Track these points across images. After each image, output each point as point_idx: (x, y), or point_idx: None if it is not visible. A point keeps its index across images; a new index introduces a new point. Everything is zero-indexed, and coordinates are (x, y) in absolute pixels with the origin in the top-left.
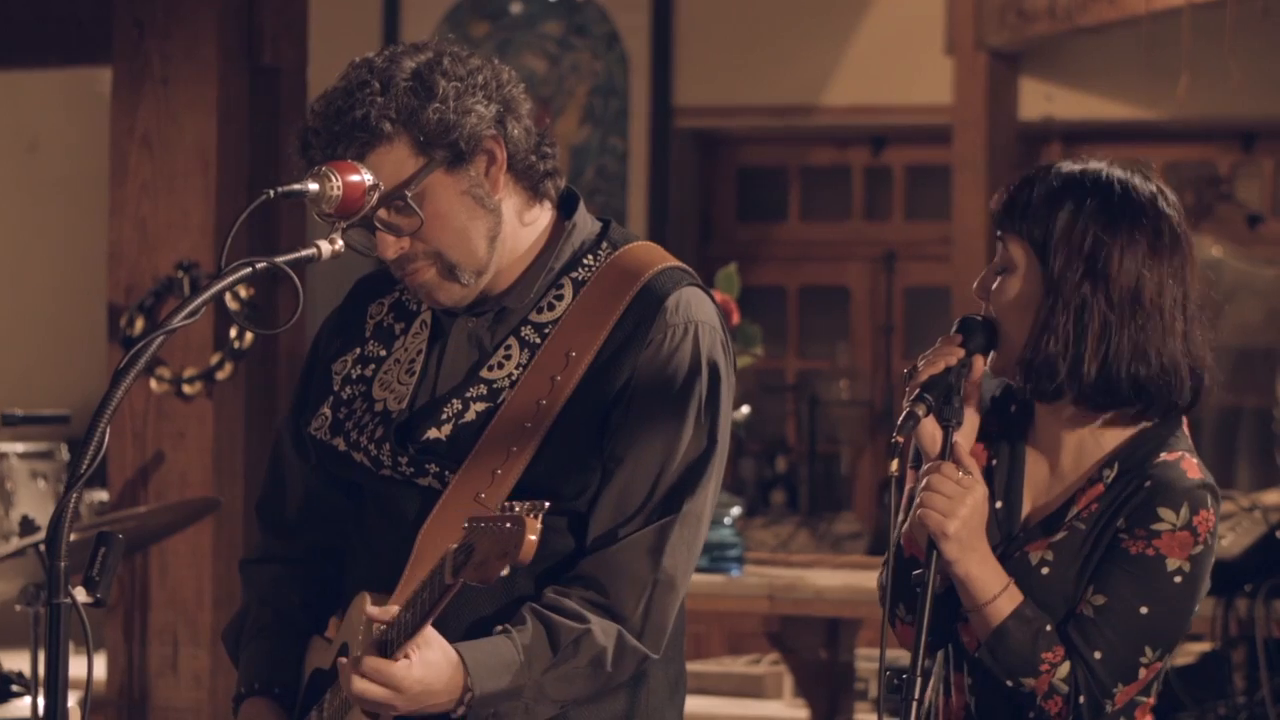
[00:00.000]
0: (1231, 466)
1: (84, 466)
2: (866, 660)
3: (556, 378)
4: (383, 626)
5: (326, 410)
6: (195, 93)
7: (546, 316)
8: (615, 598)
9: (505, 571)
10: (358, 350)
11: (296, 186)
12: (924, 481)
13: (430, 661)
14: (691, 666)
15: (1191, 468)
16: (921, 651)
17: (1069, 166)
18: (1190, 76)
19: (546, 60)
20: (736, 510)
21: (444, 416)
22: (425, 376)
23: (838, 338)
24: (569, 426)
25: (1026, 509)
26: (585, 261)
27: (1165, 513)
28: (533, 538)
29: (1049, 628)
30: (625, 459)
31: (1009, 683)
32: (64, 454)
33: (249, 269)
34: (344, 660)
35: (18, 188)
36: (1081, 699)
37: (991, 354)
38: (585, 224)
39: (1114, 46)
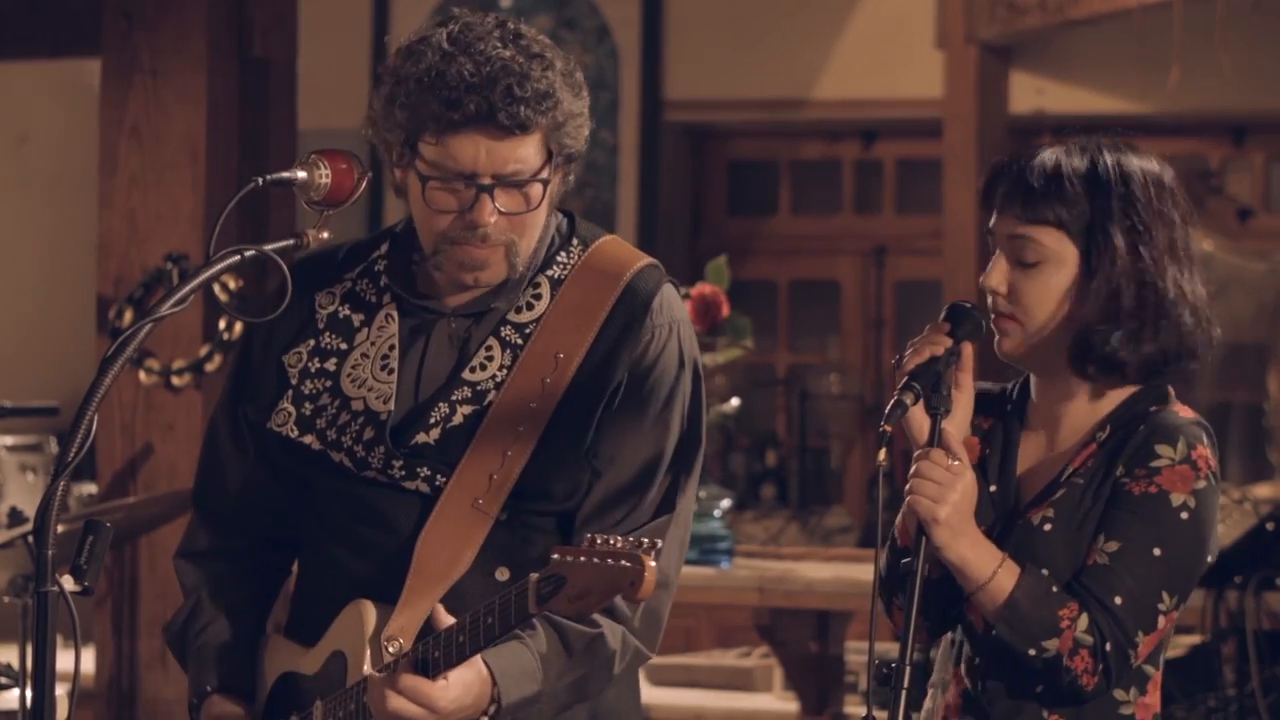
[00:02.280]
0: (1222, 461)
1: (71, 454)
2: (856, 653)
3: (547, 380)
4: (400, 645)
5: (288, 405)
6: (184, 85)
7: (526, 316)
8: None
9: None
10: (311, 342)
11: (285, 175)
12: (913, 469)
13: (466, 681)
14: (681, 659)
15: (1184, 410)
16: (910, 640)
17: (1073, 153)
18: (1181, 70)
19: None
20: (726, 503)
21: (432, 420)
22: (405, 375)
23: (828, 332)
24: (562, 428)
25: (1026, 488)
26: (559, 259)
27: (1163, 449)
28: (652, 579)
29: (1056, 588)
30: (616, 459)
31: (1031, 652)
32: (53, 446)
33: (237, 257)
34: (375, 675)
35: (6, 180)
36: (1108, 646)
37: (998, 342)
38: (554, 219)
39: (1105, 40)
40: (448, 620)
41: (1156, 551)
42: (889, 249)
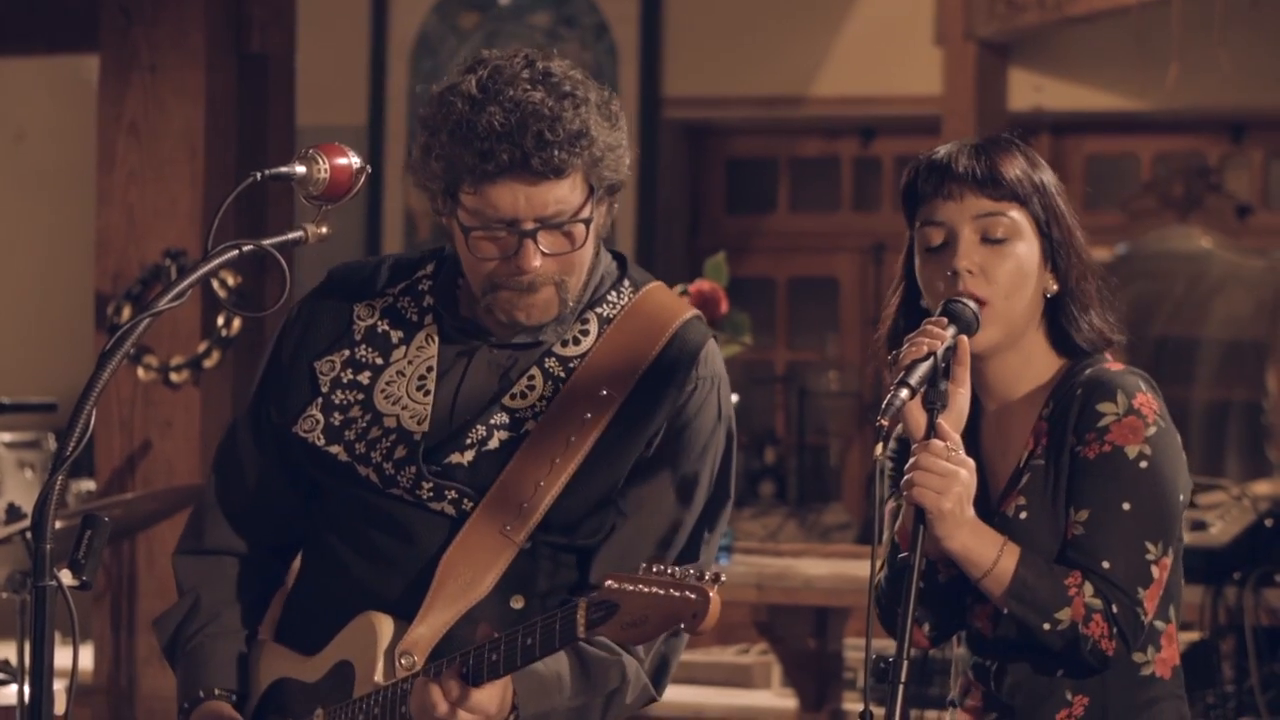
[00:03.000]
0: (1221, 458)
1: (69, 449)
2: (855, 649)
3: (588, 416)
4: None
5: (316, 413)
6: (182, 80)
7: (572, 351)
8: None
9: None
10: (346, 352)
11: (284, 170)
12: (911, 461)
13: (504, 685)
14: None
15: (1114, 364)
16: (908, 635)
17: (996, 138)
18: (1180, 67)
19: None
20: None
21: (468, 441)
22: (441, 397)
23: (827, 329)
24: (597, 465)
25: (991, 481)
26: (610, 299)
27: (1104, 406)
28: (716, 612)
29: (1054, 566)
30: (644, 504)
31: (1046, 626)
32: (51, 443)
33: (235, 251)
34: (424, 681)
35: (4, 176)
36: (1115, 609)
37: (975, 337)
38: (604, 258)
39: (1103, 37)
40: (488, 633)
41: (1125, 506)
42: (887, 246)
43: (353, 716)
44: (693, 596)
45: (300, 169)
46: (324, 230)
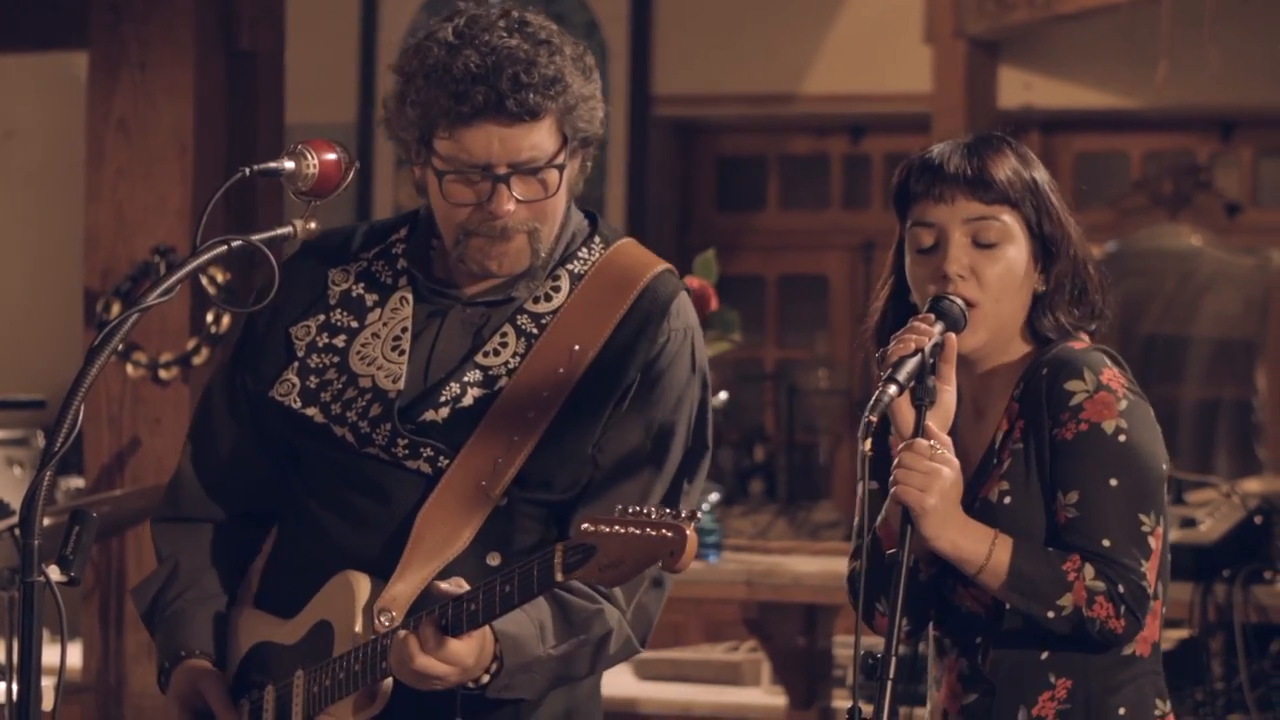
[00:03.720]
0: (1211, 456)
1: (58, 445)
2: (844, 647)
3: (560, 370)
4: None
5: (293, 376)
6: (172, 77)
7: (544, 307)
8: (611, 589)
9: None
10: (322, 317)
11: (272, 165)
12: (896, 460)
13: (484, 636)
14: (669, 654)
15: (1077, 343)
16: (897, 633)
17: (989, 139)
18: (1169, 65)
19: None
20: (715, 498)
21: (442, 399)
22: (416, 357)
23: (816, 327)
24: (571, 420)
25: (967, 466)
26: (580, 254)
27: (1073, 384)
28: (694, 548)
29: (1050, 549)
30: (621, 457)
31: (1050, 614)
32: (39, 440)
33: (224, 247)
34: (402, 634)
35: None
36: (1121, 588)
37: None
38: (575, 216)
39: (1093, 34)
40: (448, 590)
41: (1113, 483)
42: (877, 244)
43: (333, 674)
44: (669, 534)
45: (289, 164)
46: (313, 226)
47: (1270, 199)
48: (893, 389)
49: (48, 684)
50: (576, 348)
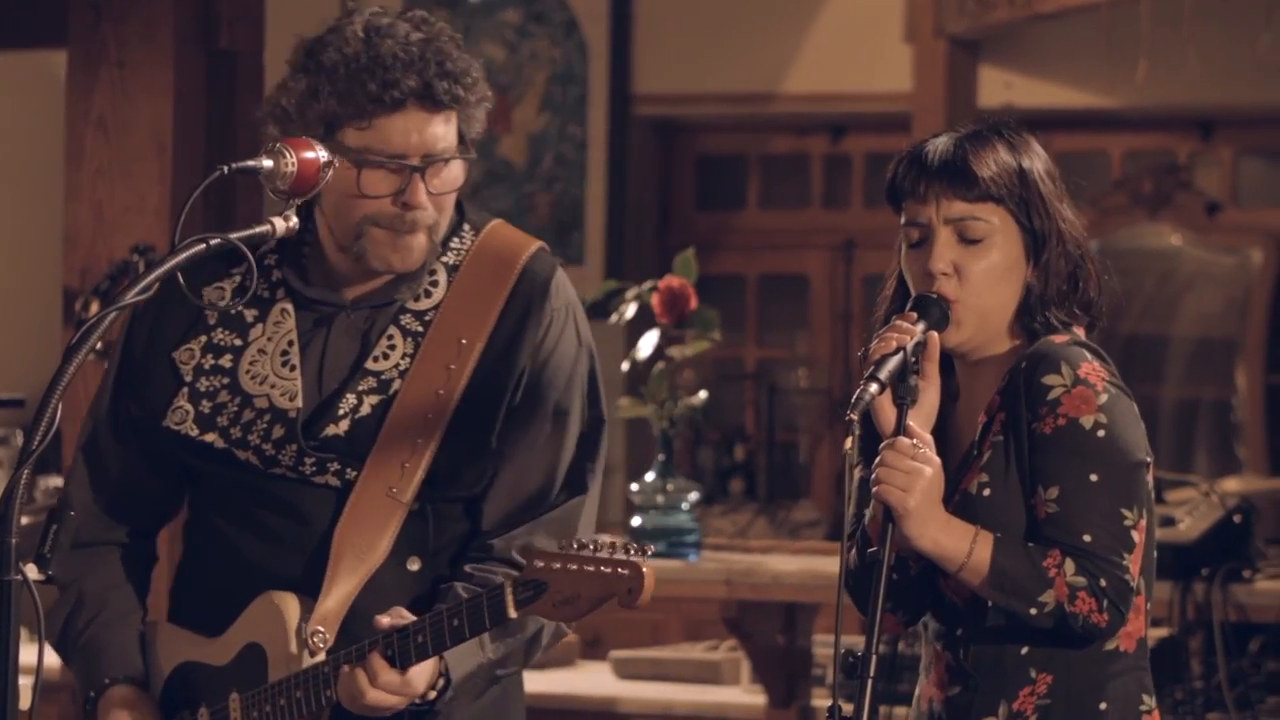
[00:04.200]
0: (1190, 455)
1: (35, 443)
2: (824, 646)
3: (451, 366)
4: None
5: (185, 404)
6: (151, 76)
7: (425, 304)
8: None
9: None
10: (204, 338)
11: (251, 164)
12: (878, 459)
13: (429, 662)
14: (648, 653)
15: (1059, 338)
16: (876, 631)
17: (994, 129)
18: (1149, 64)
19: (505, 48)
20: (694, 497)
21: (340, 412)
22: (307, 370)
23: (796, 326)
24: (470, 414)
25: (950, 461)
26: (453, 245)
27: (1051, 379)
28: (652, 585)
29: (1030, 545)
30: (522, 444)
31: (1033, 611)
32: (19, 440)
33: (202, 245)
34: (347, 668)
35: None
36: (1103, 582)
37: (946, 335)
38: None
39: (1073, 34)
40: (390, 622)
41: (1093, 478)
42: (857, 243)
43: (273, 701)
44: (625, 573)
45: (267, 163)
46: (292, 224)
47: (1250, 198)
48: (874, 387)
49: (25, 683)
50: (464, 340)
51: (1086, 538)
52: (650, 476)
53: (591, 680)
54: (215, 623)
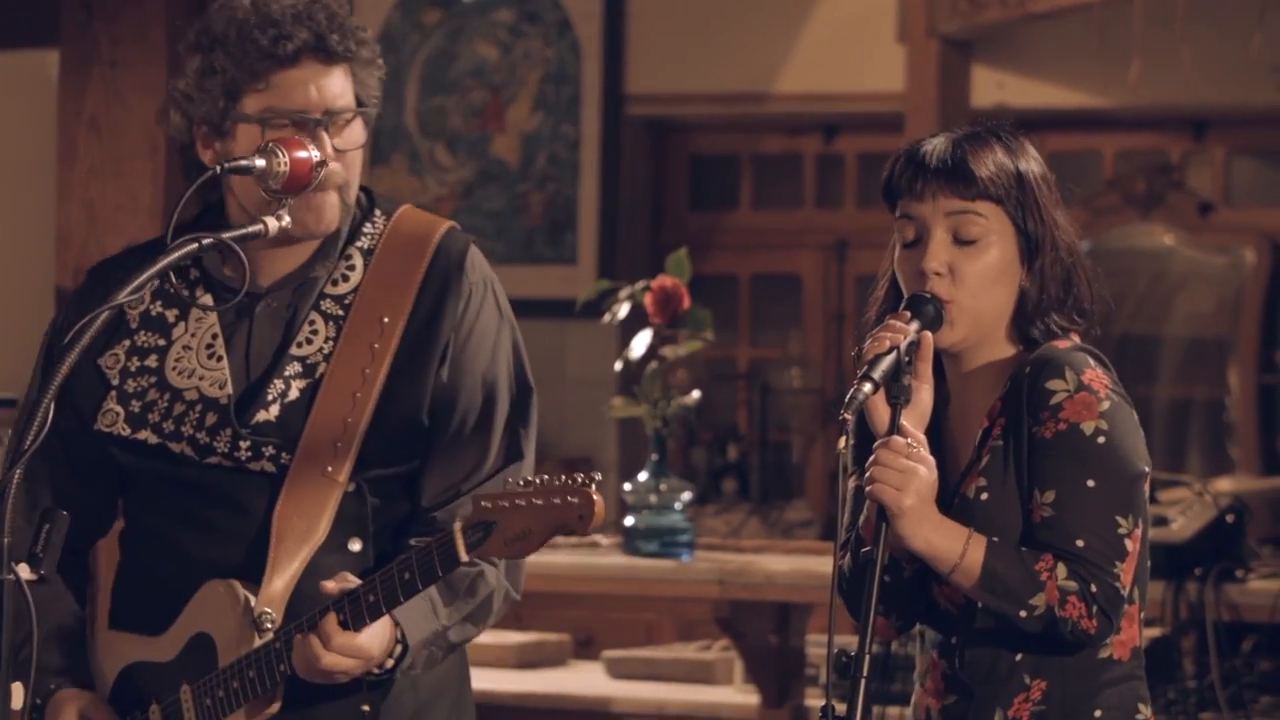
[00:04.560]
0: (1183, 455)
1: (28, 443)
2: (817, 645)
3: (375, 345)
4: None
5: (114, 406)
6: (144, 76)
7: (344, 288)
8: None
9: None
10: (127, 342)
11: (244, 162)
12: (872, 459)
13: (384, 623)
14: (641, 653)
15: (1062, 343)
16: (870, 630)
17: (990, 131)
18: (1141, 64)
19: (498, 48)
20: (687, 496)
21: (269, 398)
22: (233, 360)
23: (789, 326)
24: (396, 391)
25: (950, 464)
26: (366, 230)
27: (1054, 384)
28: (602, 510)
29: (1023, 549)
30: (452, 417)
31: (1022, 614)
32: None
33: (194, 245)
34: (302, 636)
35: None
36: (1093, 588)
37: (940, 334)
38: None
39: (1066, 34)
40: (336, 588)
41: (1091, 484)
42: (850, 243)
43: (225, 684)
44: (575, 500)
45: (260, 162)
46: (285, 223)
47: (1243, 198)
48: (867, 387)
49: (17, 682)
50: (385, 320)
51: (1080, 543)
52: (643, 476)
53: (584, 680)
54: (159, 622)
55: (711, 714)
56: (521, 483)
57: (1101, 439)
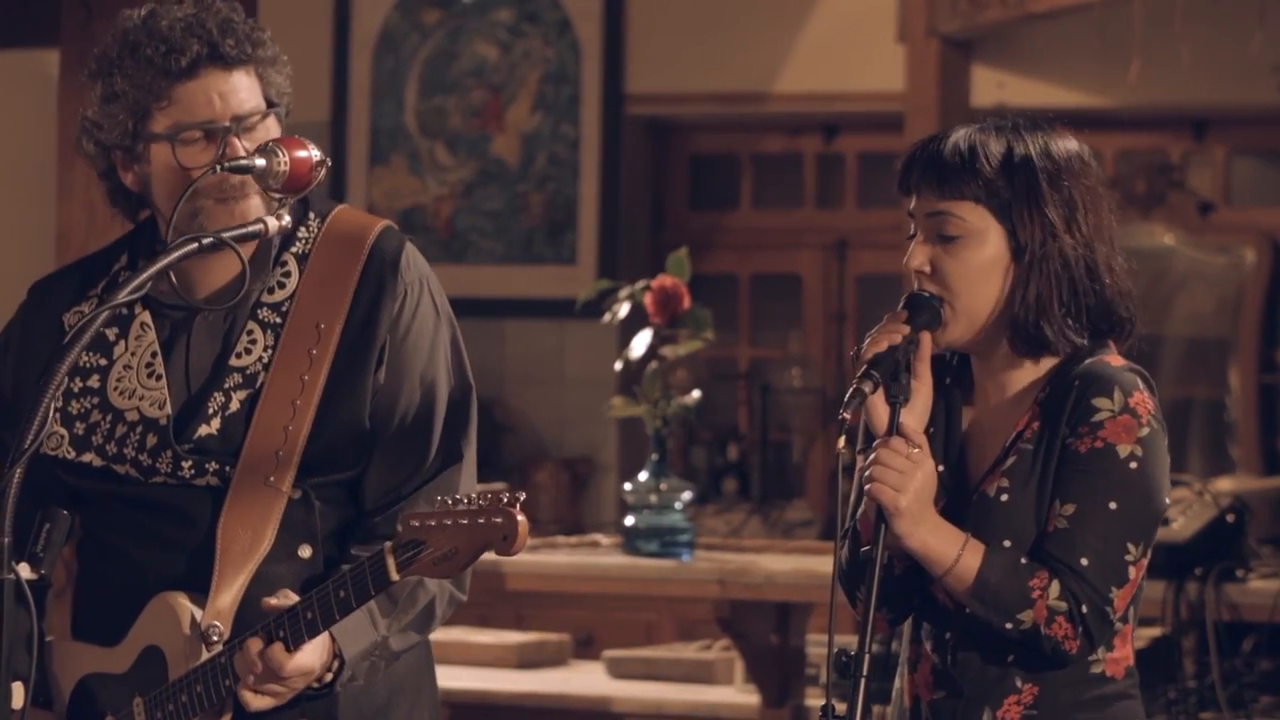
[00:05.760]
0: (1184, 454)
1: (28, 442)
2: (817, 645)
3: (312, 351)
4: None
5: (58, 429)
6: None
7: (280, 295)
8: None
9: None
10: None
11: (244, 162)
12: (871, 458)
13: (322, 638)
14: (642, 653)
15: (1115, 359)
16: (870, 630)
17: (990, 131)
18: (1142, 63)
19: (498, 47)
20: (687, 496)
21: (210, 411)
22: (173, 377)
23: (790, 326)
24: (336, 396)
25: (971, 460)
26: (300, 235)
27: (1100, 401)
28: (525, 531)
29: (1024, 560)
30: (392, 419)
31: (1008, 625)
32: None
33: (194, 244)
34: (241, 653)
35: None
36: (1084, 608)
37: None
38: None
39: (1066, 33)
40: (278, 605)
41: (1113, 505)
42: (850, 243)
43: (175, 699)
44: (499, 520)
45: (260, 162)
46: (285, 223)
47: (1243, 198)
48: (867, 386)
49: (17, 682)
50: (321, 325)
51: (1084, 561)
52: (643, 476)
53: (584, 680)
54: (114, 633)
55: (712, 714)
56: (450, 501)
57: (1134, 464)
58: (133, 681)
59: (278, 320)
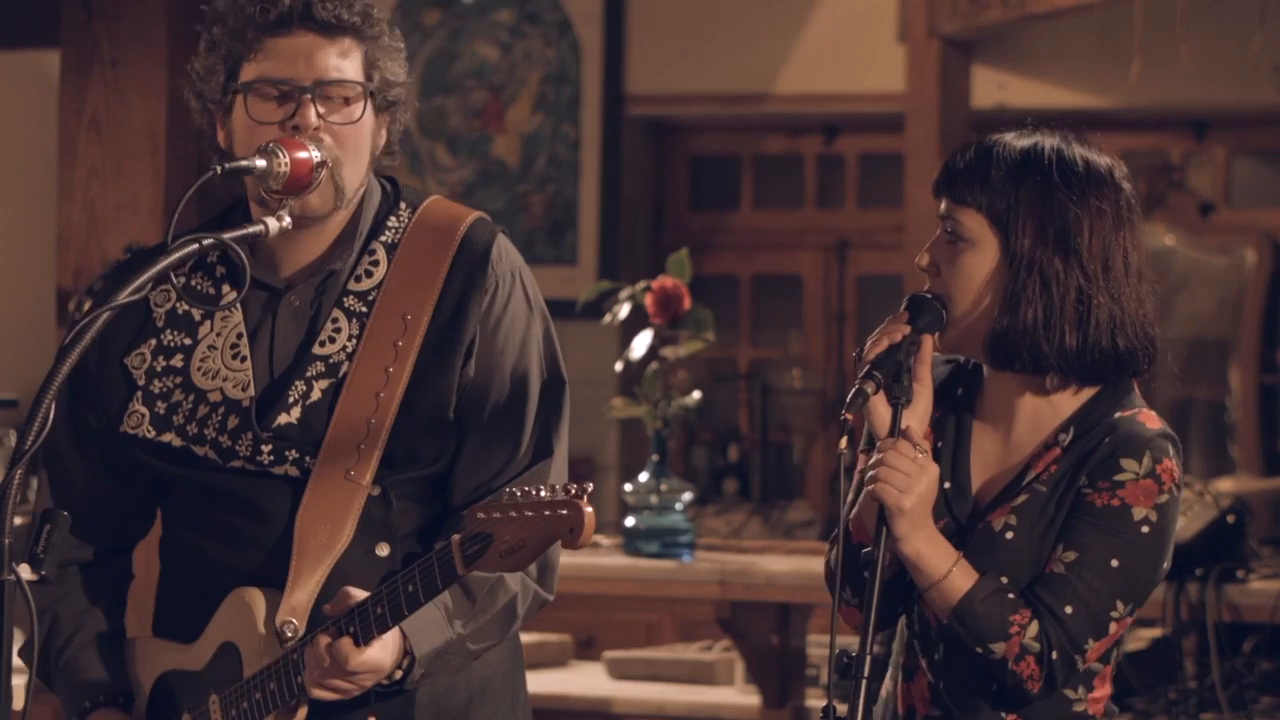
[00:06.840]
0: (1185, 456)
1: (29, 443)
2: (818, 646)
3: (398, 343)
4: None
5: (140, 407)
6: (144, 75)
7: (367, 284)
8: None
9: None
10: (153, 341)
11: (244, 163)
12: (877, 457)
13: (392, 634)
14: (643, 653)
15: (1150, 419)
16: (870, 632)
17: (1022, 139)
18: (1142, 64)
19: (498, 48)
20: (688, 496)
21: (290, 400)
22: (257, 360)
23: (790, 326)
24: (421, 389)
25: (979, 482)
26: (390, 224)
27: (1128, 463)
28: (592, 524)
29: (1012, 595)
30: (481, 413)
31: (978, 649)
32: (11, 440)
33: (195, 245)
34: (311, 648)
35: None
36: (1054, 655)
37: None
38: (374, 187)
39: (1066, 34)
40: (355, 596)
41: (1114, 563)
42: (851, 243)
43: (249, 696)
44: (565, 513)
45: (260, 163)
46: (285, 223)
47: (1243, 198)
48: (869, 386)
49: (19, 683)
50: (409, 316)
51: (1068, 609)
52: (644, 477)
53: (585, 680)
54: (193, 630)
55: (712, 714)
56: (519, 493)
57: (1146, 528)
58: (209, 678)
59: (364, 309)
